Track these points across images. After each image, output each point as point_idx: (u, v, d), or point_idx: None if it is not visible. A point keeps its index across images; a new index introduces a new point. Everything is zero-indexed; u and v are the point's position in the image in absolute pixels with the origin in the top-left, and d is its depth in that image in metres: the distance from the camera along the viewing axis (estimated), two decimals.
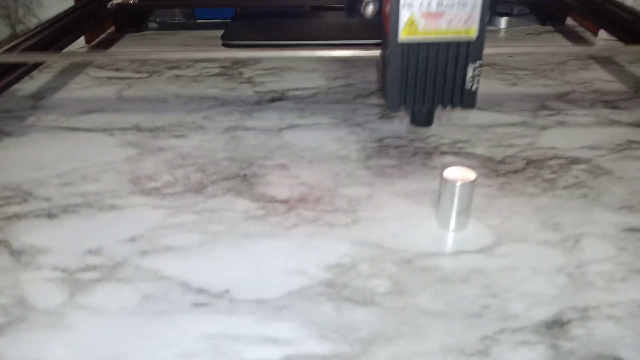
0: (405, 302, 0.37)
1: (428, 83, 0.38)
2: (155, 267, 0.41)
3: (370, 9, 0.40)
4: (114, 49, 0.92)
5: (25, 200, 0.49)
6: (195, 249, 0.43)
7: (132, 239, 0.44)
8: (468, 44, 0.36)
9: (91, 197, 0.50)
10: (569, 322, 0.35)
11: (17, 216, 0.47)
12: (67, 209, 0.48)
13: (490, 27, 0.99)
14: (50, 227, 0.46)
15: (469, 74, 0.37)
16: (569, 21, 0.98)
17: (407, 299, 0.37)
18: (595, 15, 0.81)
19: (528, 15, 1.03)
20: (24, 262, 0.41)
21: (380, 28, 0.41)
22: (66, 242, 0.44)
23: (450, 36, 0.35)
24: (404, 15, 0.35)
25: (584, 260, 0.40)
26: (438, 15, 0.34)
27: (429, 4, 0.34)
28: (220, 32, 0.93)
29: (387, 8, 0.36)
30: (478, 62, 0.37)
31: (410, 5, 0.34)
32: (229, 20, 1.04)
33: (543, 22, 1.00)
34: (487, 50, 0.43)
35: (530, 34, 0.96)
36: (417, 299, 0.37)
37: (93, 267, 0.41)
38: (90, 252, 0.42)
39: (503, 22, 1.01)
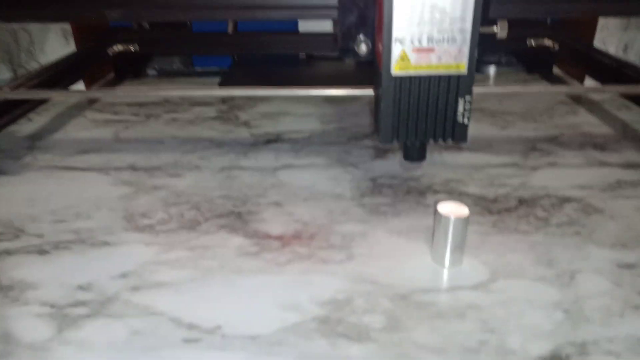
0: (401, 338, 0.36)
1: (420, 117, 0.38)
2: (146, 302, 0.40)
3: (363, 48, 0.42)
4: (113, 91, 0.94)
5: (17, 237, 0.49)
6: (188, 285, 0.42)
7: (124, 275, 0.43)
8: (458, 78, 0.37)
9: (84, 234, 0.49)
10: (567, 357, 0.34)
11: (8, 252, 0.46)
12: (58, 246, 0.48)
13: (478, 75, 1.02)
14: (40, 263, 0.45)
15: (460, 107, 0.38)
16: (556, 69, 1.02)
17: (402, 335, 0.36)
18: (580, 63, 0.84)
19: (515, 64, 1.06)
20: (12, 297, 0.40)
21: (373, 66, 0.43)
22: (56, 277, 0.43)
23: (441, 71, 0.37)
24: (396, 51, 0.36)
25: (580, 295, 0.40)
26: (429, 50, 0.36)
27: (420, 40, 0.36)
28: (217, 80, 0.96)
29: (380, 45, 0.38)
30: (468, 96, 0.38)
31: (402, 41, 0.36)
32: (227, 69, 1.07)
33: (530, 71, 1.03)
34: (477, 90, 0.44)
35: (519, 80, 0.99)
36: (413, 334, 0.36)
37: (83, 303, 0.40)
38: (80, 287, 0.42)
39: (491, 70, 1.04)
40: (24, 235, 0.49)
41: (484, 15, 0.37)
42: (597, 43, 0.95)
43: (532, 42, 0.97)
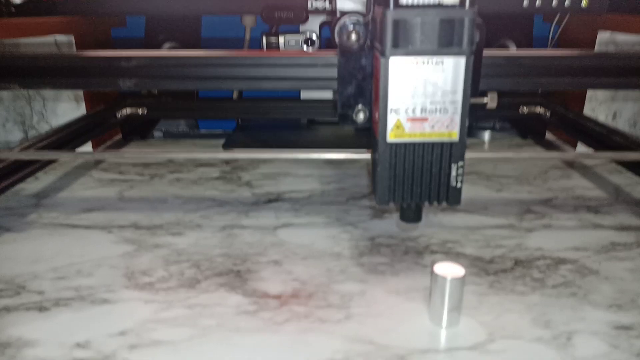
0: None
1: (415, 180, 0.40)
2: None
3: (361, 116, 0.44)
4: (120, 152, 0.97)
5: (18, 293, 0.49)
6: (185, 344, 0.42)
7: (122, 333, 0.43)
8: (451, 145, 0.39)
9: (84, 291, 0.50)
10: None
11: (7, 309, 0.47)
12: (59, 303, 0.48)
13: (474, 140, 1.05)
14: (40, 320, 0.45)
15: (453, 172, 0.40)
16: (549, 135, 1.06)
17: None
18: (572, 129, 0.87)
19: (509, 130, 1.10)
20: (9, 355, 0.40)
21: (370, 133, 0.45)
22: (55, 335, 0.43)
23: (434, 138, 0.39)
24: (391, 120, 0.38)
25: (577, 357, 0.40)
26: (422, 120, 0.38)
27: (414, 110, 0.38)
28: (221, 142, 0.99)
29: (376, 114, 0.40)
30: (461, 162, 0.40)
31: (397, 112, 0.38)
32: (231, 132, 1.11)
33: (524, 136, 1.07)
34: (472, 155, 0.47)
35: (513, 145, 1.02)
36: None
37: None
38: (78, 345, 0.42)
39: (486, 135, 1.08)
40: (24, 292, 0.50)
41: (474, 87, 0.40)
42: (587, 111, 0.99)
43: (525, 109, 1.01)
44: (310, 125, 1.11)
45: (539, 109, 1.00)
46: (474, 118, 1.05)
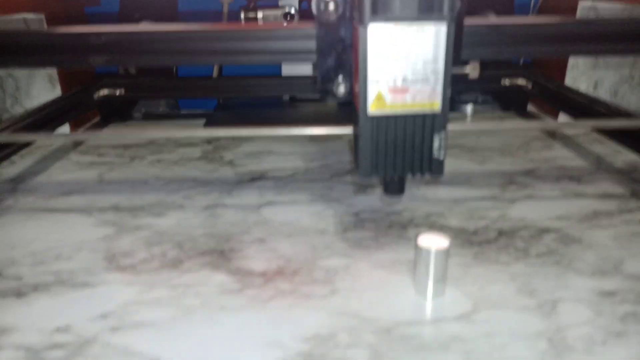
0: None
1: (397, 153, 0.40)
2: (125, 343, 0.39)
3: (342, 89, 0.43)
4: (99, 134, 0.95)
5: None
6: (169, 324, 0.41)
7: (103, 316, 0.42)
8: (433, 116, 0.38)
9: (64, 275, 0.49)
10: None
11: None
12: (37, 288, 0.47)
13: (456, 114, 1.05)
14: (18, 306, 0.44)
15: (436, 144, 0.39)
16: (530, 107, 1.06)
17: None
18: (553, 100, 0.87)
19: (491, 103, 1.10)
20: None
21: (351, 106, 0.44)
22: (33, 320, 0.42)
23: (416, 109, 0.38)
24: (372, 92, 0.37)
25: (562, 324, 0.40)
26: (403, 90, 0.37)
27: (395, 81, 0.37)
28: (203, 121, 0.97)
29: (357, 87, 0.39)
30: (443, 133, 0.39)
31: (378, 82, 0.37)
32: (212, 111, 1.09)
33: (506, 109, 1.07)
34: (454, 127, 0.46)
35: (495, 118, 1.02)
36: None
37: (60, 346, 0.39)
38: (58, 330, 0.41)
39: (468, 109, 1.07)
40: (1, 278, 0.48)
41: (456, 56, 0.39)
42: (569, 81, 0.99)
43: (507, 81, 1.00)
44: (293, 103, 1.09)
45: (521, 81, 1.00)
46: (456, 90, 1.05)
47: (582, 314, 0.42)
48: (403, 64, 0.36)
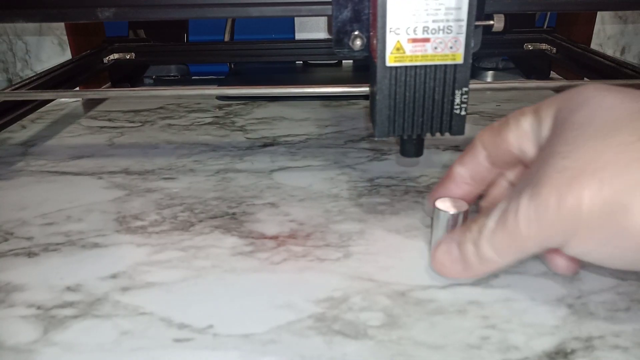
0: (399, 335, 0.35)
1: (417, 109, 0.38)
2: (136, 303, 0.39)
3: (358, 43, 0.41)
4: (109, 100, 0.93)
5: (6, 240, 0.48)
6: (179, 285, 0.41)
7: (114, 276, 0.42)
8: (455, 69, 0.36)
9: (74, 236, 0.48)
10: (572, 352, 0.33)
11: None
12: (48, 248, 0.46)
13: (477, 81, 1.02)
14: (29, 265, 0.44)
15: (457, 99, 0.37)
16: (554, 74, 1.02)
17: (401, 332, 0.35)
18: (578, 65, 0.84)
19: (513, 69, 1.06)
20: None
21: (368, 61, 0.42)
22: (44, 279, 0.42)
23: (437, 61, 0.36)
24: (390, 42, 0.35)
25: (584, 290, 0.39)
26: (424, 40, 0.35)
27: (415, 30, 0.35)
28: (214, 86, 0.95)
29: (374, 40, 0.37)
30: (465, 88, 0.37)
31: (397, 32, 0.35)
32: (223, 77, 1.07)
33: (528, 76, 1.03)
34: (475, 87, 0.44)
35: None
36: (411, 331, 0.35)
37: (70, 304, 0.39)
38: (68, 289, 0.40)
39: (489, 76, 1.04)
40: (12, 238, 0.48)
41: (480, 8, 0.36)
42: (594, 47, 0.95)
43: (530, 46, 0.97)
44: (306, 68, 1.07)
45: (544, 46, 0.96)
46: (479, 56, 1.01)
47: (604, 281, 0.40)
48: (424, 12, 0.34)
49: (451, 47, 0.35)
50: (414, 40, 0.35)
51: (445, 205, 0.41)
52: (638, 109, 0.29)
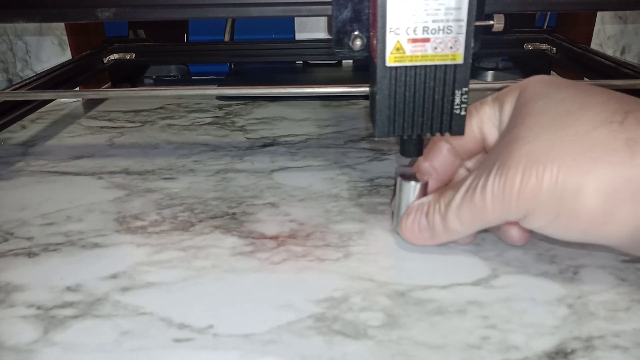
0: (399, 335, 0.35)
1: (417, 109, 0.38)
2: (136, 302, 0.39)
3: (358, 43, 0.41)
4: (109, 100, 0.93)
5: (6, 240, 0.48)
6: (179, 285, 0.41)
7: (114, 276, 0.42)
8: (455, 69, 0.36)
9: (74, 236, 0.48)
10: (572, 352, 0.33)
11: None
12: (48, 248, 0.46)
13: (477, 81, 1.02)
14: (29, 266, 0.44)
15: (457, 99, 0.37)
16: (554, 74, 1.02)
17: (401, 332, 0.35)
18: (578, 65, 0.84)
19: (513, 69, 1.06)
20: None
21: (368, 61, 0.42)
22: (44, 279, 0.42)
23: (437, 61, 0.36)
24: (390, 42, 0.35)
25: (584, 291, 0.39)
26: (424, 40, 0.35)
27: (415, 30, 0.35)
28: (214, 87, 0.95)
29: (374, 39, 0.37)
30: (465, 88, 0.37)
31: (397, 32, 0.35)
32: (223, 77, 1.07)
33: (528, 76, 1.03)
34: (474, 86, 0.44)
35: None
36: (411, 331, 0.35)
37: (70, 304, 0.39)
38: (68, 289, 0.40)
39: (489, 76, 1.04)
40: (12, 238, 0.48)
41: (480, 8, 0.36)
42: (594, 47, 0.95)
43: (530, 46, 0.97)
44: (306, 68, 1.07)
45: (544, 46, 0.96)
46: (475, 54, 1.01)
47: (604, 281, 0.40)
48: (424, 12, 0.34)
49: (451, 47, 0.35)
50: (414, 40, 0.35)
51: (407, 177, 0.44)
52: (586, 102, 0.33)
